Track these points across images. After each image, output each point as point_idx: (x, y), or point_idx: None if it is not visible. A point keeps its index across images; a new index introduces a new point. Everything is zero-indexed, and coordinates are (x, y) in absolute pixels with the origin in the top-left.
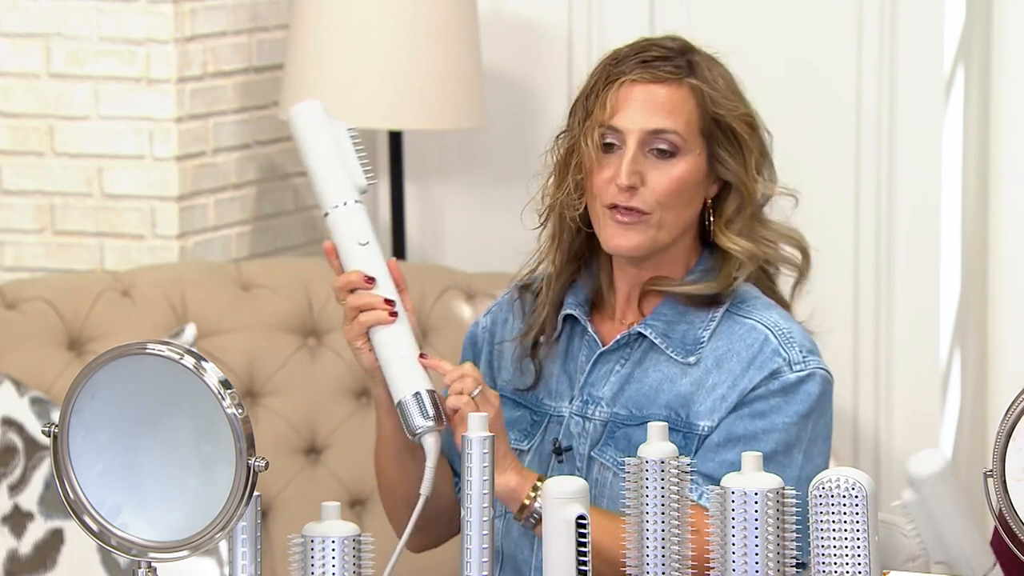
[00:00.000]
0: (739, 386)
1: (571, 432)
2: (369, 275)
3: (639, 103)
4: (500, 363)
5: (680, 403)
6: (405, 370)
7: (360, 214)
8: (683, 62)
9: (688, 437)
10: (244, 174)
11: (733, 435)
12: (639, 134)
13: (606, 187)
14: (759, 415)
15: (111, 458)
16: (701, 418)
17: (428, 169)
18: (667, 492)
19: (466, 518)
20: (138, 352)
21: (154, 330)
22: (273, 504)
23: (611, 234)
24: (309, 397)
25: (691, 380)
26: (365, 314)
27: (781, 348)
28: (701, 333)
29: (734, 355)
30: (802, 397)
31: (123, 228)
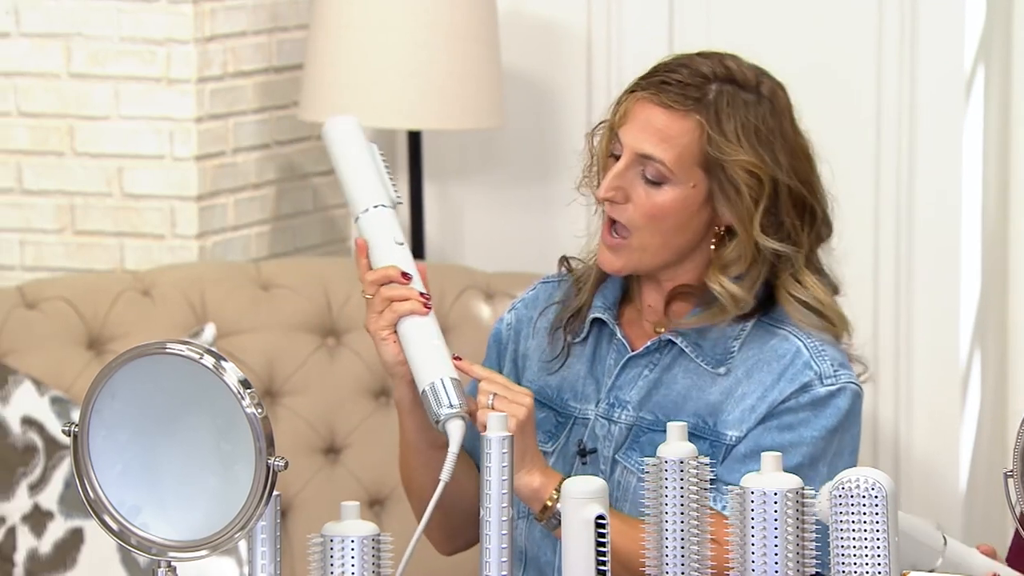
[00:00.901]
0: (769, 398)
1: (596, 434)
2: (406, 271)
3: (641, 122)
4: (525, 364)
5: (708, 411)
6: (433, 358)
7: (395, 219)
8: (707, 93)
9: (715, 446)
10: (264, 174)
11: (760, 447)
12: (631, 153)
13: None
14: (787, 428)
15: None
16: (729, 428)
17: (447, 169)
18: (687, 493)
19: (485, 517)
20: (158, 352)
21: (174, 330)
22: (292, 503)
23: (600, 251)
24: (328, 397)
25: (720, 389)
26: (400, 304)
27: (813, 361)
28: (732, 343)
29: (765, 365)
30: (831, 411)
31: (143, 228)
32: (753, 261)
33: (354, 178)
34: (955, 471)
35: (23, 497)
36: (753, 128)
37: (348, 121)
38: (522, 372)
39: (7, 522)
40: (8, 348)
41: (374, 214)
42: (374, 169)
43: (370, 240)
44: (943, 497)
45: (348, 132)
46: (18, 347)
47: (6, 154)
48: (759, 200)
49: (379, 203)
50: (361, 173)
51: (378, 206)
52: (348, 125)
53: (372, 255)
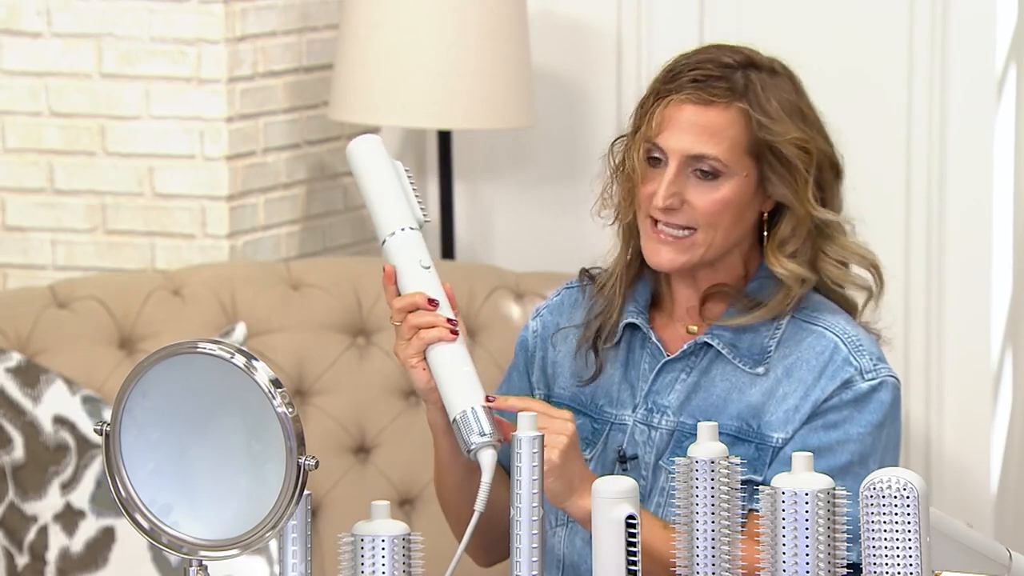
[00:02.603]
0: (811, 396)
1: (636, 440)
2: (432, 297)
3: (684, 124)
4: (556, 371)
5: (751, 413)
6: (463, 386)
7: (421, 240)
8: (739, 81)
9: (761, 448)
10: (294, 174)
11: (808, 447)
12: (680, 156)
13: (648, 201)
14: (833, 426)
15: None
16: (774, 429)
17: (477, 169)
18: (718, 493)
19: (515, 518)
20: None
21: (204, 329)
22: (323, 503)
23: (653, 250)
24: (358, 396)
25: (761, 390)
26: (427, 331)
27: (852, 356)
28: (768, 342)
29: (803, 363)
30: (875, 406)
31: (174, 227)
32: (805, 235)
33: (378, 202)
34: (986, 471)
35: (55, 496)
36: (788, 105)
37: (370, 141)
38: (553, 379)
39: (39, 521)
40: (40, 347)
41: (400, 238)
42: (399, 189)
43: (397, 265)
44: (974, 497)
45: (370, 153)
46: (50, 346)
47: (38, 154)
48: (809, 173)
49: (404, 226)
50: (385, 196)
51: (404, 229)
52: (370, 146)
53: (400, 280)
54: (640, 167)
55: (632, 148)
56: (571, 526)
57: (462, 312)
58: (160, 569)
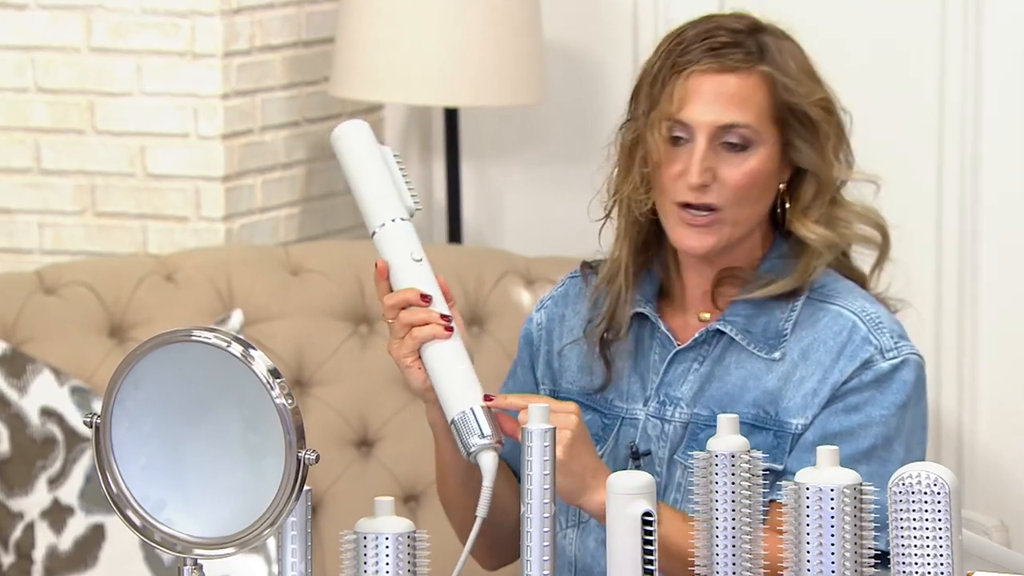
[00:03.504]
0: (830, 379)
1: (648, 435)
2: (425, 292)
3: (709, 95)
4: (562, 364)
5: (768, 400)
6: (460, 386)
7: (412, 231)
8: (753, 46)
9: (780, 436)
10: (293, 153)
11: (828, 432)
12: (709, 129)
13: (674, 183)
14: (854, 409)
15: (155, 450)
16: (792, 415)
17: (485, 148)
18: (738, 488)
19: (526, 516)
20: (183, 339)
21: (199, 316)
22: (323, 499)
23: (682, 235)
24: (361, 387)
25: (777, 375)
26: (420, 329)
27: (871, 335)
28: (783, 325)
29: (821, 345)
30: (897, 386)
31: (166, 209)
32: (827, 200)
33: (366, 192)
34: (1021, 466)
35: (42, 492)
36: (805, 66)
37: (355, 128)
38: (559, 374)
39: (25, 518)
40: (26, 336)
41: (390, 229)
42: (387, 178)
43: (387, 259)
44: (1008, 493)
45: (357, 140)
46: (36, 334)
47: (24, 132)
48: (830, 133)
49: (394, 216)
50: (372, 186)
51: (395, 220)
52: (356, 132)
53: (391, 275)
54: (662, 147)
55: (648, 129)
56: (583, 527)
57: (469, 299)
58: (152, 568)
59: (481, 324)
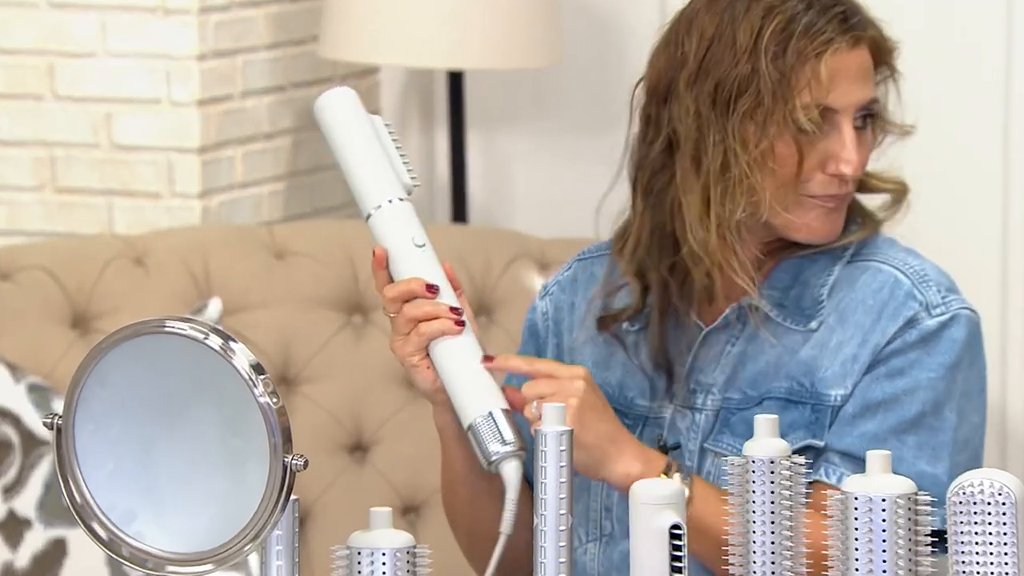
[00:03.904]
0: (870, 341)
1: (677, 426)
2: (430, 282)
3: (853, 73)
4: (575, 360)
5: (802, 370)
6: (476, 386)
7: (412, 212)
8: (857, 6)
9: (818, 410)
10: (278, 121)
11: (871, 401)
12: (854, 109)
13: (812, 176)
14: (898, 373)
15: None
16: (830, 386)
17: (494, 116)
18: (778, 499)
19: (540, 527)
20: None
21: (173, 305)
22: (312, 510)
23: (817, 223)
24: (355, 384)
25: (812, 344)
26: (428, 324)
27: (916, 290)
28: (819, 292)
29: (859, 304)
30: (946, 345)
31: (135, 185)
32: None
33: (358, 171)
34: None
35: None
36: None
37: (341, 96)
38: None
39: None
40: None
41: (387, 212)
42: (380, 153)
43: (386, 245)
44: None
45: (343, 111)
46: None
47: None
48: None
49: (391, 197)
50: (364, 163)
51: (392, 200)
52: (342, 102)
53: (391, 264)
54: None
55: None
56: (606, 540)
57: (476, 286)
58: None
59: (489, 314)
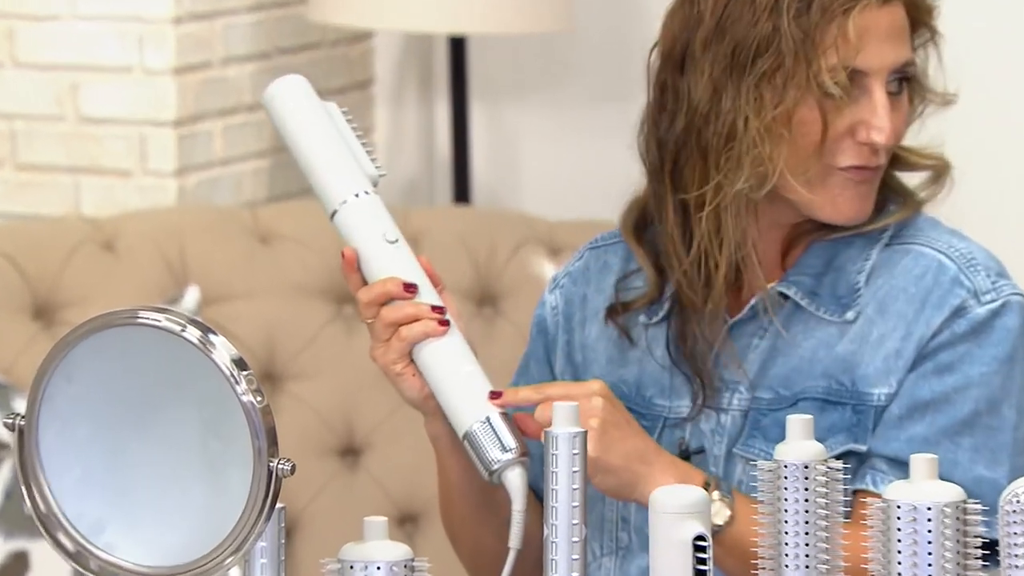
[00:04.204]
0: (915, 334)
1: (701, 430)
2: (408, 281)
3: (883, 33)
4: (587, 356)
5: (841, 367)
6: (469, 391)
7: (380, 205)
8: None
9: (860, 411)
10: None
11: (918, 401)
12: (887, 73)
13: (839, 145)
14: (947, 369)
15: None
16: (872, 384)
17: (500, 86)
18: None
19: (551, 539)
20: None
21: (146, 294)
22: (300, 519)
23: (844, 200)
24: (346, 381)
25: (850, 337)
26: (409, 328)
27: (962, 275)
28: (855, 279)
29: (900, 293)
30: (999, 336)
31: (104, 162)
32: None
33: (316, 166)
34: None
35: None
36: None
37: (291, 85)
38: (583, 367)
39: None
40: None
41: (353, 208)
42: (340, 144)
43: (355, 244)
44: None
45: (295, 101)
46: None
47: None
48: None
49: (356, 191)
50: (324, 157)
51: (358, 194)
52: (293, 91)
53: (363, 264)
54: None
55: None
56: (622, 554)
57: (480, 273)
58: None
59: (494, 304)
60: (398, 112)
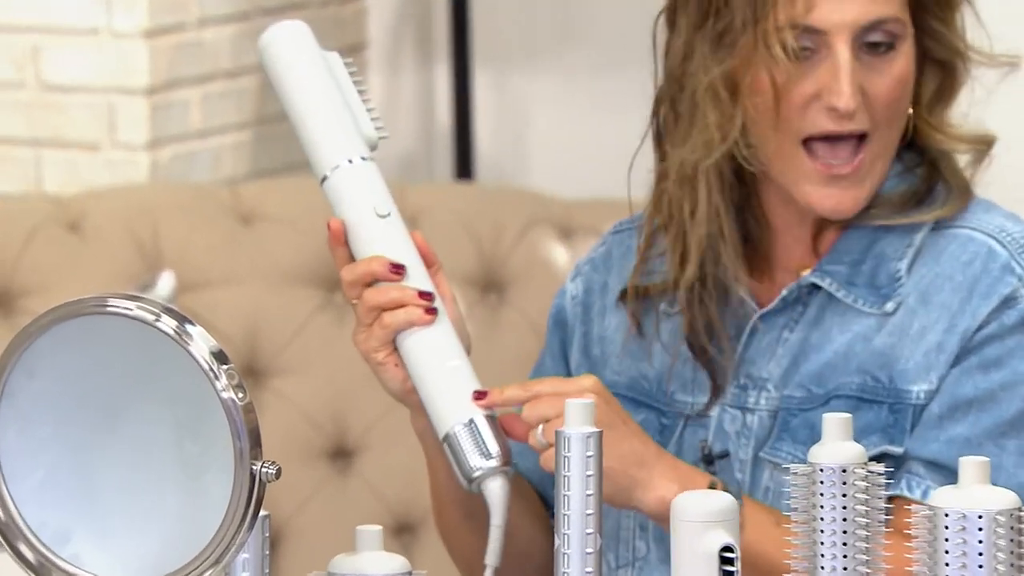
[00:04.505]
0: (959, 326)
1: (725, 431)
2: (396, 261)
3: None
4: (604, 350)
5: (878, 363)
6: (451, 389)
7: (375, 175)
8: None
9: (897, 410)
10: (241, 56)
11: (961, 399)
12: (851, 31)
13: (803, 112)
14: (994, 364)
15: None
16: (911, 381)
17: (506, 49)
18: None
19: (562, 549)
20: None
21: (115, 279)
22: (286, 528)
23: (822, 194)
24: (337, 376)
25: (889, 330)
26: (392, 314)
27: (1014, 262)
28: (896, 266)
29: (945, 282)
30: None
31: (69, 134)
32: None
33: (309, 124)
34: None
35: None
36: None
37: (291, 31)
38: (601, 363)
39: None
40: None
41: (345, 174)
42: (338, 101)
43: (344, 216)
44: None
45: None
46: None
47: None
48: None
49: (350, 155)
50: (322, 113)
51: (351, 160)
52: (292, 38)
53: (350, 238)
54: (785, 67)
55: (762, 46)
56: (639, 566)
57: (484, 257)
58: None
59: (500, 291)
60: (394, 78)
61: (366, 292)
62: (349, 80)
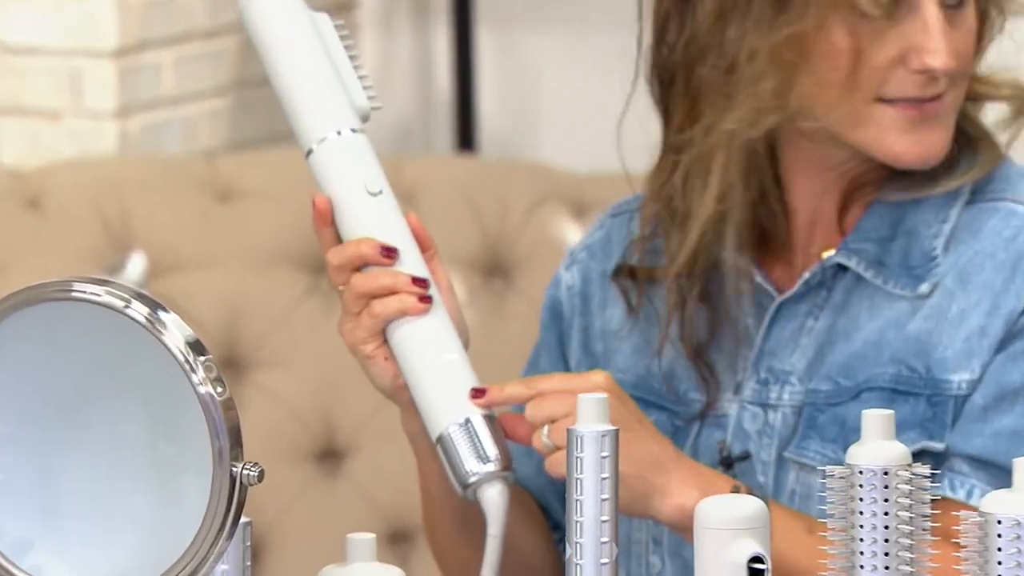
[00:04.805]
0: (1003, 308)
1: (745, 431)
2: (388, 244)
3: None
4: (608, 345)
5: (914, 351)
6: (446, 386)
7: (365, 149)
8: None
9: (936, 402)
10: (219, 14)
11: (1007, 387)
12: None
13: (885, 74)
14: None
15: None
16: (951, 370)
17: (512, 8)
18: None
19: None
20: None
21: (80, 261)
22: (270, 536)
23: (908, 142)
24: (325, 370)
25: (925, 315)
26: (383, 302)
27: None
28: (931, 244)
29: (986, 260)
30: None
31: (28, 100)
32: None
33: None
34: None
35: None
36: None
37: None
38: (605, 358)
39: None
40: None
41: (333, 147)
42: (326, 66)
43: (330, 193)
44: None
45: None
46: None
47: None
48: None
49: (339, 127)
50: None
51: (340, 132)
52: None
53: (337, 217)
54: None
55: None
56: None
57: (488, 237)
58: None
59: (505, 276)
60: (388, 40)
61: (354, 277)
62: (339, 43)
